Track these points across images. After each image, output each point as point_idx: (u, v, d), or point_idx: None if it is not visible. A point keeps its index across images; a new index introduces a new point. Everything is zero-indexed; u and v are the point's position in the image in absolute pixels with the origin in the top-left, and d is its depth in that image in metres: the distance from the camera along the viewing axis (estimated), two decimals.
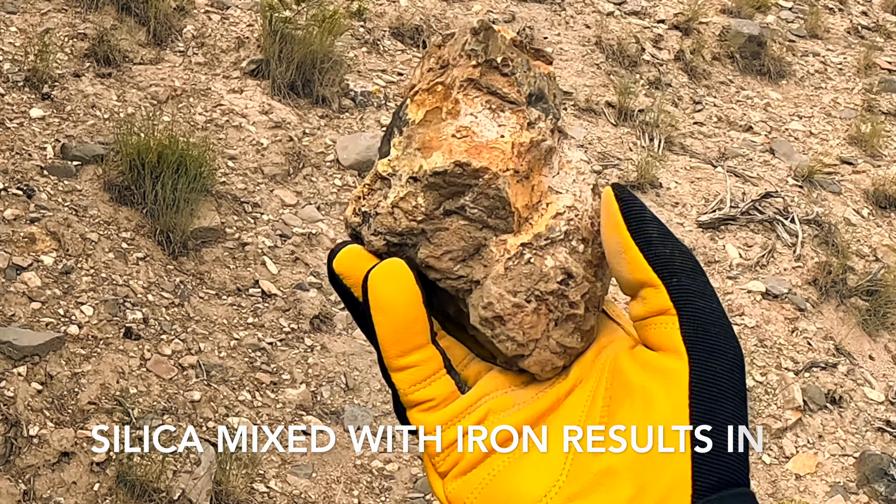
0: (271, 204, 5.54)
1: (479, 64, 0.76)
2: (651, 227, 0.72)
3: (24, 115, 5.41)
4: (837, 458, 5.34)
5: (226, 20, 6.68)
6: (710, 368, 0.68)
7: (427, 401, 0.75)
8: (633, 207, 0.72)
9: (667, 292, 0.70)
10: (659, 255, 0.71)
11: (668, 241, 0.72)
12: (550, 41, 7.87)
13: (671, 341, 0.70)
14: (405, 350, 0.75)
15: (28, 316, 4.35)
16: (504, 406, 0.74)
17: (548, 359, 0.73)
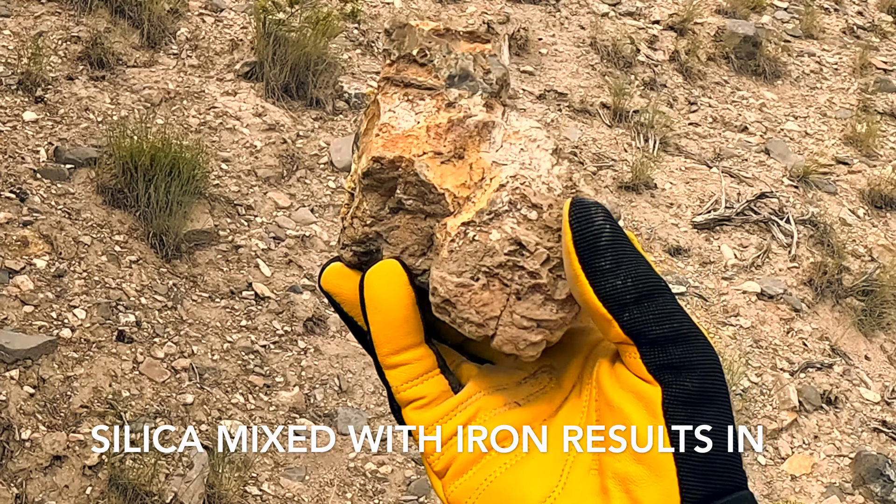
0: (265, 206, 5.54)
1: (394, 61, 0.77)
2: (601, 259, 0.69)
3: (17, 118, 5.40)
4: (833, 459, 5.33)
5: (219, 22, 6.67)
6: (681, 387, 0.68)
7: (419, 398, 0.76)
8: (586, 234, 0.70)
9: (619, 328, 0.69)
10: (608, 290, 0.69)
11: (621, 270, 0.69)
12: (545, 42, 7.87)
13: (639, 370, 0.69)
14: (398, 348, 0.76)
15: (20, 319, 4.34)
16: (495, 405, 0.75)
17: (517, 335, 0.71)
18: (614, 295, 0.69)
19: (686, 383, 0.68)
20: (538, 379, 0.76)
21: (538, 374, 0.76)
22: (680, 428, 0.68)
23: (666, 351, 0.69)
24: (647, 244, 6.26)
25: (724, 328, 5.85)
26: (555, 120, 7.06)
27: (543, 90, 7.36)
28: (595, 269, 0.69)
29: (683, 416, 0.68)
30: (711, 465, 0.68)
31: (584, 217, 0.70)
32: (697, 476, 0.68)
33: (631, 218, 6.38)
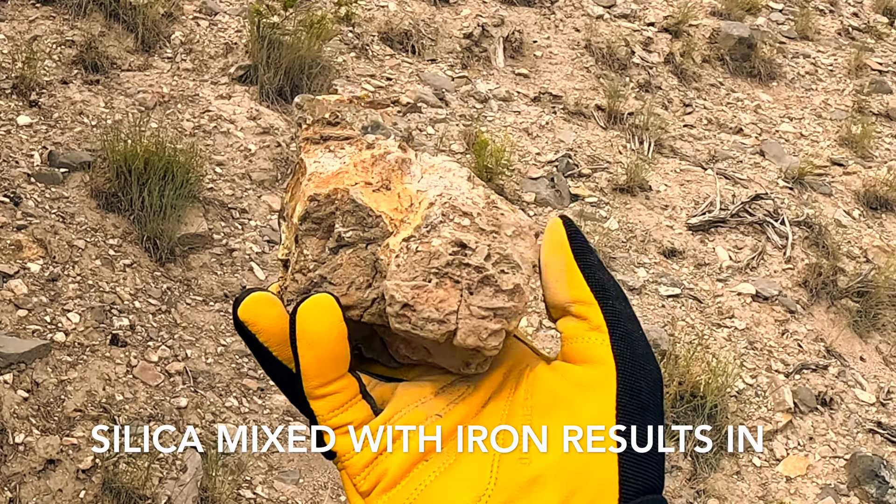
0: (259, 210, 5.54)
1: (310, 125, 0.82)
2: (592, 256, 0.78)
3: (11, 122, 5.40)
4: (828, 460, 5.33)
5: (214, 26, 6.68)
6: (635, 384, 0.74)
7: (345, 425, 0.78)
8: (577, 236, 0.79)
9: (601, 311, 0.76)
10: (597, 279, 0.77)
11: (605, 271, 0.78)
12: (540, 45, 7.87)
13: (600, 354, 0.74)
14: (326, 381, 0.77)
15: (14, 323, 4.34)
16: (417, 419, 0.77)
17: (478, 325, 0.74)
18: (601, 284, 0.77)
19: (641, 383, 0.74)
20: (455, 387, 0.78)
21: (455, 384, 0.79)
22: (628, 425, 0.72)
23: (632, 348, 0.75)
24: (642, 246, 6.26)
25: (719, 330, 5.85)
26: (549, 122, 7.06)
27: (538, 92, 7.37)
28: (587, 262, 0.78)
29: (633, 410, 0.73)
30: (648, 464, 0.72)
31: (573, 225, 0.79)
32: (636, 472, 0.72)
33: (626, 220, 6.39)
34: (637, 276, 6.02)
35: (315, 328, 0.76)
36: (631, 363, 0.74)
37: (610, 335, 0.75)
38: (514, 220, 0.79)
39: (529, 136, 6.87)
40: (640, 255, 6.20)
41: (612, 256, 6.10)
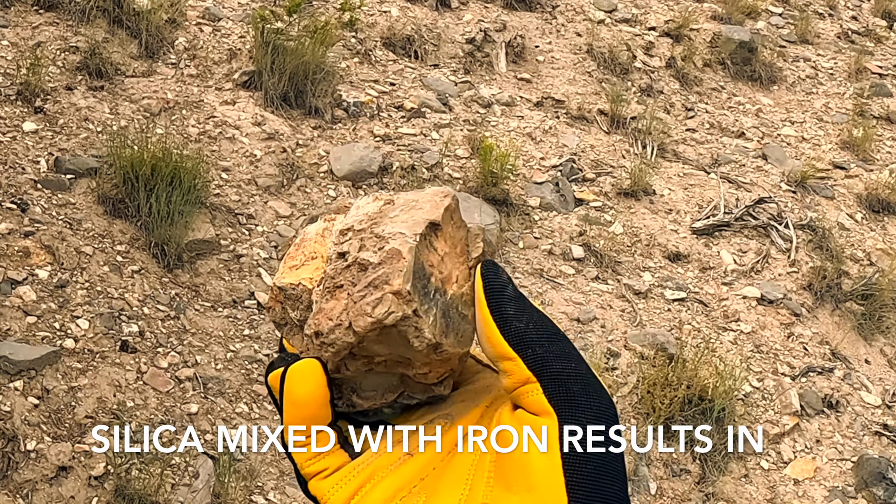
0: (265, 215, 5.54)
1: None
2: (507, 305, 0.80)
3: (16, 128, 5.39)
4: (835, 463, 5.34)
5: (217, 32, 6.68)
6: (576, 421, 0.75)
7: (322, 471, 0.84)
8: (494, 285, 0.81)
9: (523, 363, 0.78)
10: (513, 330, 0.79)
11: (524, 315, 0.79)
12: (542, 49, 7.88)
13: (540, 405, 0.77)
14: (307, 435, 0.84)
15: (24, 330, 4.33)
16: (389, 461, 0.83)
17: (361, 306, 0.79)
18: (518, 335, 0.78)
19: (581, 418, 0.76)
20: (433, 425, 0.84)
21: (434, 422, 0.84)
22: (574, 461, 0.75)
23: (566, 387, 0.77)
24: (647, 250, 6.26)
25: (724, 333, 5.85)
26: (553, 127, 7.07)
27: (541, 97, 7.37)
28: (501, 314, 0.79)
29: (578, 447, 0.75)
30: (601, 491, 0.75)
31: (492, 273, 0.81)
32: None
33: (630, 224, 6.39)
34: (643, 281, 6.02)
35: (302, 391, 0.82)
36: (568, 404, 0.76)
37: (540, 384, 0.77)
38: (407, 199, 0.86)
39: (533, 140, 6.88)
40: (645, 260, 6.20)
41: (618, 261, 6.10)
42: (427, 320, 0.79)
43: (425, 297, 0.79)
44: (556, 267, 5.95)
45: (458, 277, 0.83)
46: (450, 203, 0.85)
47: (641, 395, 5.18)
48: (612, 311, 5.75)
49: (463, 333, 0.82)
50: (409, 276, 0.78)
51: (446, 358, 0.81)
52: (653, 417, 5.08)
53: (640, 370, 5.30)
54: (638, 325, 5.69)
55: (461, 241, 0.86)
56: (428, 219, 0.83)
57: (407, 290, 0.78)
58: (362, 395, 0.86)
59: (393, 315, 0.78)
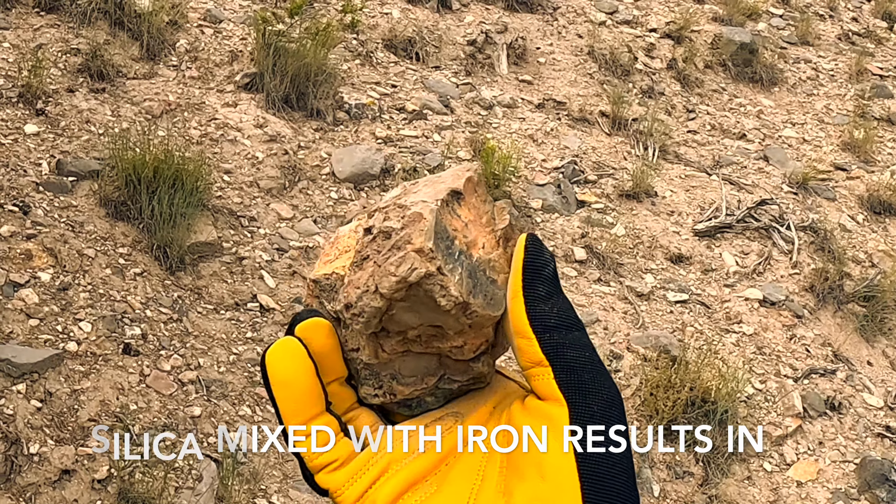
0: (268, 218, 5.53)
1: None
2: (541, 285, 0.81)
3: (18, 131, 5.39)
4: (838, 465, 5.33)
5: (219, 34, 6.67)
6: (587, 409, 0.77)
7: (331, 462, 0.83)
8: (535, 261, 0.81)
9: (538, 345, 0.79)
10: (538, 312, 0.80)
11: (552, 300, 0.80)
12: (543, 51, 7.88)
13: (550, 390, 0.78)
14: (305, 419, 0.83)
15: (26, 333, 4.33)
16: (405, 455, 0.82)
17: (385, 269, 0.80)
18: (541, 317, 0.79)
19: (593, 407, 0.77)
20: (444, 421, 0.84)
21: (444, 418, 0.84)
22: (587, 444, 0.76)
23: (577, 374, 0.78)
24: (650, 252, 6.26)
25: (727, 335, 5.85)
26: (554, 129, 7.07)
27: (542, 99, 7.37)
28: (532, 292, 0.80)
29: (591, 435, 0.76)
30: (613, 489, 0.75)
31: (536, 249, 0.82)
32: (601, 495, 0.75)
33: (633, 226, 6.39)
34: (645, 283, 6.01)
35: (284, 367, 0.82)
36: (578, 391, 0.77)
37: (552, 369, 0.78)
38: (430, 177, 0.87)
39: (535, 142, 6.88)
40: (647, 262, 6.20)
41: (620, 262, 6.10)
42: (452, 278, 0.79)
43: (449, 256, 0.80)
44: (559, 269, 5.94)
45: (484, 244, 0.84)
46: (472, 175, 0.86)
47: (644, 397, 5.17)
48: (614, 313, 5.75)
49: (493, 296, 0.82)
50: (431, 235, 0.79)
51: (479, 324, 0.81)
52: (656, 419, 5.08)
53: (642, 372, 5.30)
54: (640, 327, 5.69)
55: (486, 213, 0.86)
56: (450, 187, 0.84)
57: (429, 247, 0.78)
58: (402, 381, 0.86)
59: (416, 272, 0.78)
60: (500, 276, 0.83)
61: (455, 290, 0.79)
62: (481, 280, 0.81)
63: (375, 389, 0.86)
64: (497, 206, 0.87)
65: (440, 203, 0.81)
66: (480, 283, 0.81)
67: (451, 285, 0.78)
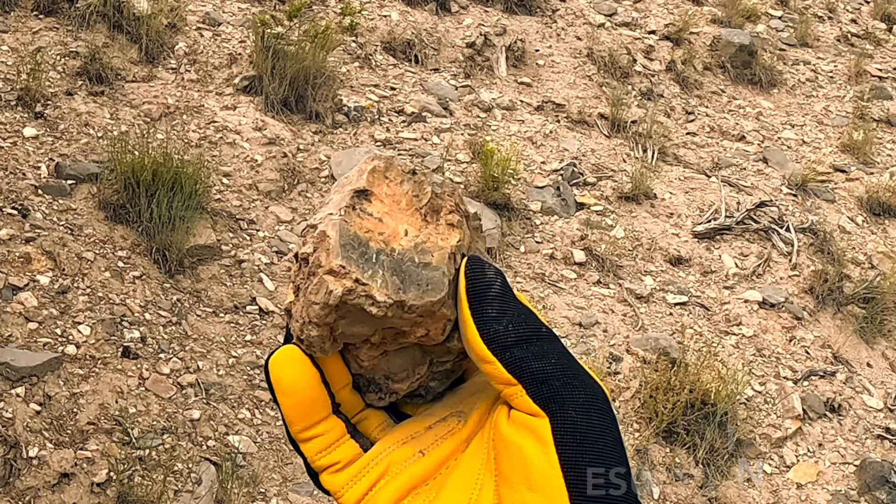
0: (267, 220, 5.53)
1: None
2: (489, 306, 0.79)
3: (17, 134, 5.39)
4: (838, 466, 5.33)
5: (217, 37, 6.67)
6: (566, 416, 0.76)
7: (334, 464, 0.84)
8: (478, 285, 0.80)
9: (502, 367, 0.78)
10: (492, 333, 0.79)
11: (505, 317, 0.79)
12: (542, 53, 7.88)
13: (527, 406, 0.77)
14: (309, 424, 0.84)
15: (25, 336, 4.33)
16: (404, 456, 0.83)
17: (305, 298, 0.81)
18: (496, 338, 0.78)
19: (570, 413, 0.76)
20: (447, 422, 0.84)
21: (448, 419, 0.85)
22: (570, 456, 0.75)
23: (547, 384, 0.77)
24: (649, 254, 6.26)
25: (726, 337, 5.85)
26: (553, 131, 7.07)
27: (541, 101, 7.37)
28: (482, 316, 0.79)
29: (571, 443, 0.75)
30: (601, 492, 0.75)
31: (477, 271, 0.81)
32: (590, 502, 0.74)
33: (632, 228, 6.38)
34: (644, 285, 6.01)
35: (287, 377, 0.83)
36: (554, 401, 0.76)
37: (522, 386, 0.77)
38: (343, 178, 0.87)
39: (534, 144, 6.88)
40: (646, 263, 6.20)
41: (619, 265, 6.10)
42: (374, 284, 0.78)
43: (366, 262, 0.79)
44: (558, 271, 5.94)
45: (406, 231, 0.82)
46: (376, 165, 0.86)
47: (644, 399, 5.17)
48: (613, 315, 5.75)
49: (428, 281, 0.80)
50: (338, 252, 0.79)
51: (427, 311, 0.80)
52: (655, 422, 5.07)
53: (642, 374, 5.30)
54: (640, 329, 5.69)
55: (406, 195, 0.85)
56: (353, 189, 0.83)
57: (339, 264, 0.78)
58: (397, 378, 0.86)
59: (334, 294, 0.78)
60: (435, 254, 0.82)
61: (381, 296, 0.78)
62: (409, 271, 0.80)
63: (378, 394, 0.86)
64: (416, 182, 0.86)
65: (344, 211, 0.81)
66: (409, 275, 0.80)
67: (374, 292, 0.78)
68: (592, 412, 0.76)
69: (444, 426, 0.84)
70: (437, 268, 0.81)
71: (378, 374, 0.85)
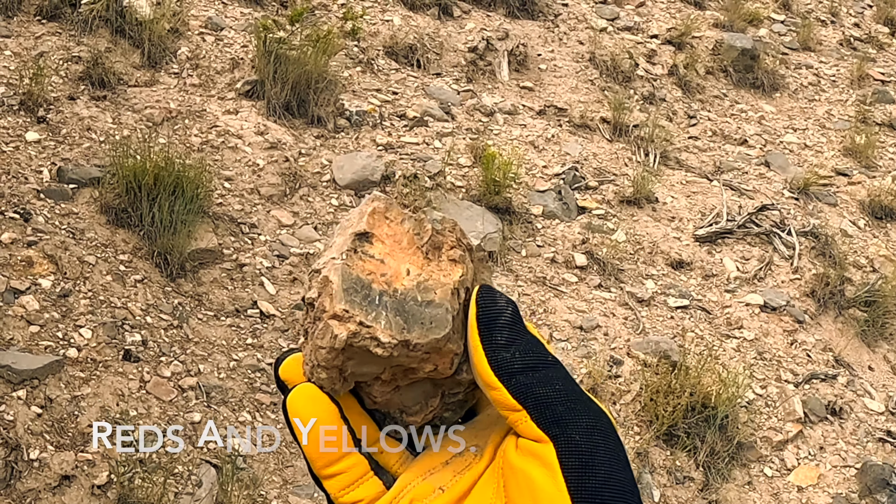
0: (268, 224, 5.54)
1: None
2: (498, 333, 0.81)
3: (19, 138, 5.41)
4: (839, 470, 5.33)
5: (220, 41, 6.69)
6: (569, 440, 0.77)
7: (358, 501, 0.85)
8: (489, 313, 0.82)
9: (508, 393, 0.79)
10: (500, 360, 0.80)
11: (513, 345, 0.81)
12: (544, 58, 7.89)
13: (532, 432, 0.78)
14: (330, 461, 0.84)
15: (27, 339, 4.34)
16: (426, 492, 0.83)
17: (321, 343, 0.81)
18: (503, 365, 0.80)
19: (574, 436, 0.77)
20: (464, 456, 0.85)
21: (464, 453, 0.85)
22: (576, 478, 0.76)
23: (551, 409, 0.78)
24: (650, 258, 6.27)
25: (727, 341, 5.85)
26: (555, 135, 7.08)
27: (543, 106, 7.38)
28: (491, 343, 0.80)
29: (576, 466, 0.76)
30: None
31: (489, 300, 0.82)
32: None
33: (633, 232, 6.39)
34: (645, 288, 6.02)
35: (306, 415, 0.84)
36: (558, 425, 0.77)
37: (527, 412, 0.78)
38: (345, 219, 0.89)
39: (536, 148, 6.89)
40: (648, 267, 6.20)
41: (621, 268, 6.10)
42: (378, 326, 0.80)
43: (369, 304, 0.80)
44: (559, 275, 5.95)
45: (408, 270, 0.83)
46: (376, 206, 0.87)
47: (644, 402, 5.18)
48: (614, 318, 5.76)
49: (432, 319, 0.82)
50: (341, 296, 0.80)
51: (433, 348, 0.82)
52: (656, 425, 5.08)
53: (643, 378, 5.30)
54: (641, 332, 5.69)
55: (407, 233, 0.86)
56: (354, 232, 0.85)
57: (342, 309, 0.80)
58: (411, 411, 0.87)
59: (339, 338, 0.79)
60: (438, 291, 0.83)
61: (386, 337, 0.79)
62: (412, 310, 0.81)
63: (395, 427, 0.87)
64: (416, 220, 0.87)
65: (346, 255, 0.82)
66: (412, 314, 0.81)
67: (379, 334, 0.79)
68: (596, 435, 0.77)
69: (461, 461, 0.85)
70: (441, 305, 0.82)
71: (392, 408, 0.87)
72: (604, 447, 0.77)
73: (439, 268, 0.85)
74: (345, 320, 0.79)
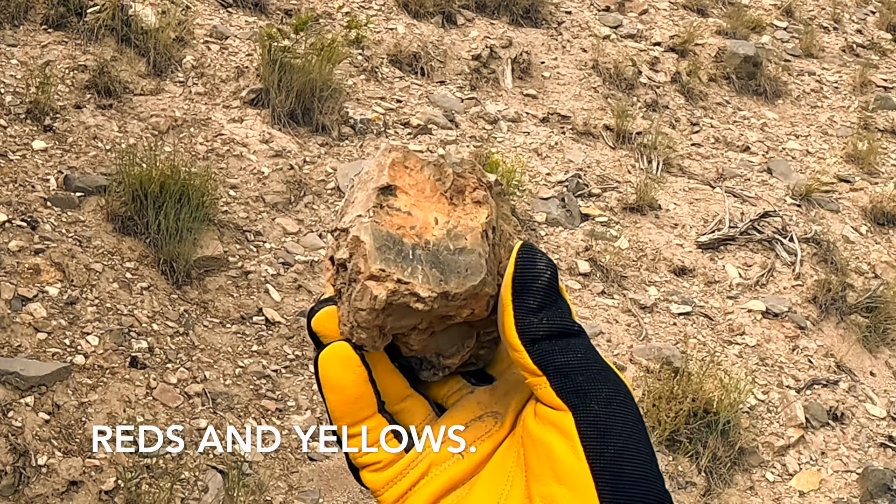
0: (273, 232, 5.58)
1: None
2: (531, 297, 0.81)
3: (26, 147, 5.44)
4: (840, 475, 5.35)
5: (225, 50, 6.73)
6: (588, 409, 0.78)
7: (376, 462, 0.86)
8: (526, 274, 0.81)
9: (529, 357, 0.79)
10: (526, 324, 0.80)
11: (544, 312, 0.80)
12: (548, 65, 7.92)
13: (551, 399, 0.79)
14: (353, 421, 0.85)
15: (34, 346, 4.38)
16: (445, 457, 0.85)
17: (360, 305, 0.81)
18: (529, 329, 0.80)
19: (593, 406, 0.78)
20: (484, 422, 0.86)
21: (484, 418, 0.86)
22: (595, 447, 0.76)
23: (571, 378, 0.79)
24: (653, 264, 6.29)
25: (730, 347, 5.88)
26: (559, 142, 7.11)
27: (546, 113, 7.41)
28: (522, 306, 0.80)
29: (595, 435, 0.77)
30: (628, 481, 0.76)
31: (528, 260, 0.81)
32: (616, 492, 0.76)
33: (636, 239, 6.42)
34: (648, 295, 6.05)
35: (336, 375, 0.84)
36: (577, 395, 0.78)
37: (547, 378, 0.79)
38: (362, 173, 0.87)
39: (539, 156, 6.92)
40: (650, 274, 6.23)
41: (623, 275, 6.13)
42: (416, 281, 0.79)
43: (404, 260, 0.80)
44: (562, 282, 5.96)
45: (436, 219, 0.83)
46: (395, 157, 0.86)
47: (647, 408, 5.20)
48: (617, 325, 5.78)
49: (467, 266, 0.81)
50: (375, 255, 0.80)
51: (471, 294, 0.82)
52: (658, 430, 5.11)
53: (645, 384, 5.33)
54: (643, 339, 5.72)
55: (429, 181, 0.85)
56: (376, 186, 0.84)
57: (378, 268, 0.79)
58: (448, 353, 0.87)
59: (379, 298, 0.79)
60: (468, 237, 0.82)
61: (425, 292, 0.79)
62: (447, 260, 0.81)
63: (432, 370, 0.88)
64: (436, 166, 0.86)
65: (373, 212, 0.82)
66: (447, 265, 0.81)
67: (418, 289, 0.79)
68: (615, 406, 0.78)
69: (481, 426, 0.85)
70: (473, 250, 0.82)
71: (429, 352, 0.87)
72: (622, 418, 0.78)
73: (465, 212, 0.84)
74: (382, 280, 0.79)
